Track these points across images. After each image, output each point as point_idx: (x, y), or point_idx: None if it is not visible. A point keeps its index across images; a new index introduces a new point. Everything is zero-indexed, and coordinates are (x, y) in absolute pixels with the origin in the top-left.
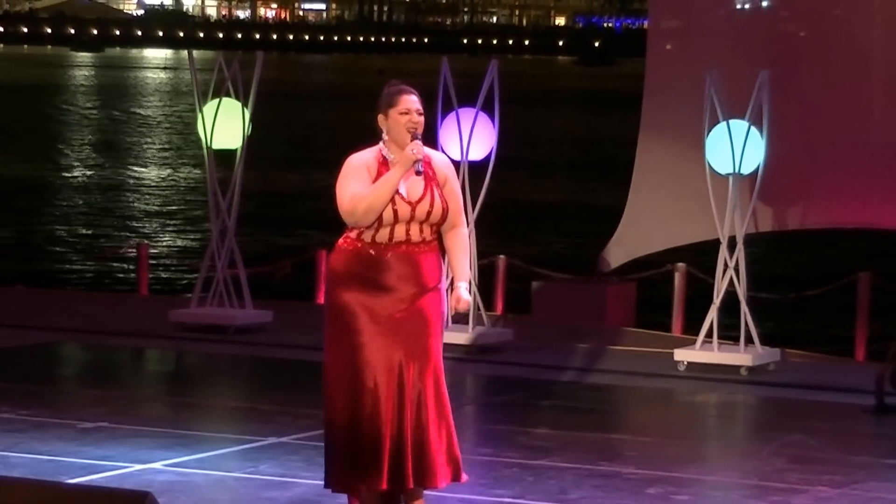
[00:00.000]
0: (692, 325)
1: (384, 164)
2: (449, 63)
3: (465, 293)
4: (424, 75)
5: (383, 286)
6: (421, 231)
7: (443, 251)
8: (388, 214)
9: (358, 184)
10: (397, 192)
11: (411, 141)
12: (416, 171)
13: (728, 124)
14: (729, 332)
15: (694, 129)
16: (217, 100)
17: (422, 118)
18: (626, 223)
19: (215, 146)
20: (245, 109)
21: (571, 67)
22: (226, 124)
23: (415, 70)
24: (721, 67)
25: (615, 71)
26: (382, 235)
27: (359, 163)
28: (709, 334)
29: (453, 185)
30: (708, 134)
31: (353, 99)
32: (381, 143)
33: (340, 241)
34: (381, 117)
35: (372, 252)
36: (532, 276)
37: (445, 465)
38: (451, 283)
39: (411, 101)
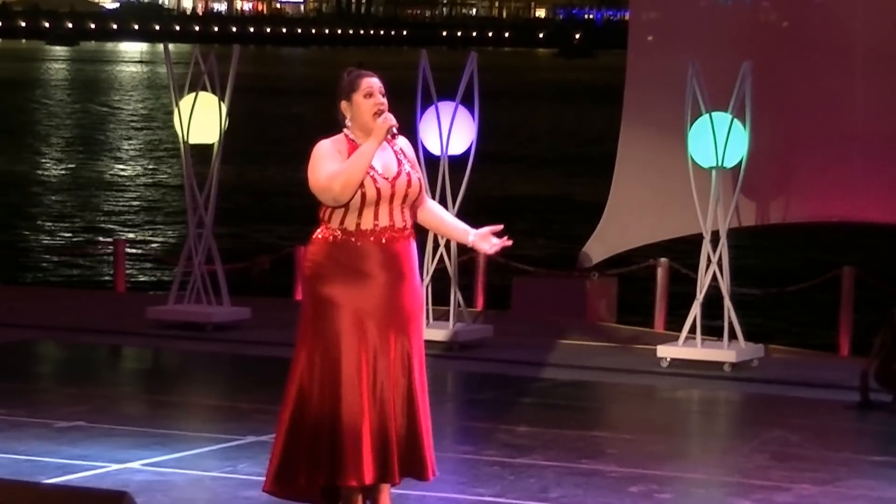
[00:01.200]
0: (675, 321)
1: (354, 147)
2: (428, 56)
3: (480, 231)
4: (403, 68)
5: (368, 276)
6: (403, 215)
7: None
8: (370, 192)
9: (332, 163)
10: (375, 170)
11: (386, 117)
12: (391, 135)
13: (710, 116)
14: (712, 328)
15: (676, 122)
16: (193, 94)
17: (385, 100)
18: (608, 218)
19: (192, 141)
20: (222, 104)
21: (552, 60)
22: (202, 119)
23: (393, 63)
24: (703, 59)
25: (596, 63)
26: (367, 221)
27: (329, 146)
28: (692, 330)
29: (418, 165)
30: (690, 127)
31: (332, 93)
32: (344, 131)
33: (318, 232)
34: (343, 104)
35: (357, 242)
36: (512, 271)
37: (433, 458)
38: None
39: (373, 83)
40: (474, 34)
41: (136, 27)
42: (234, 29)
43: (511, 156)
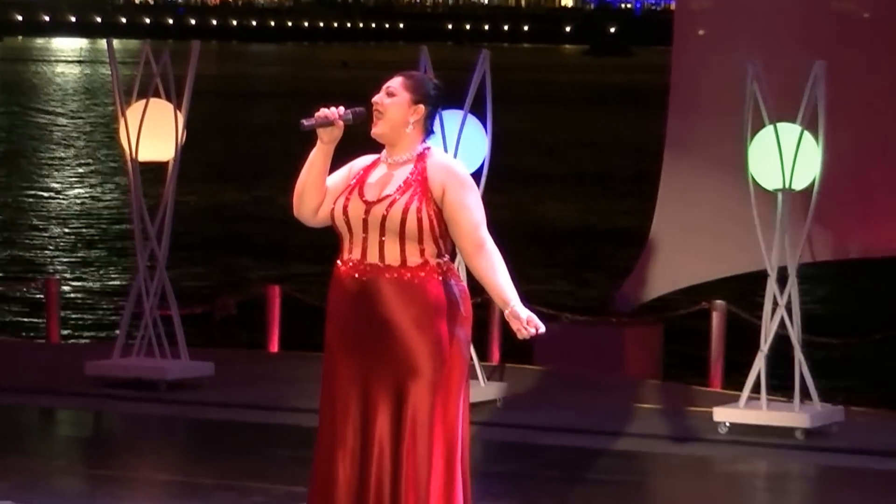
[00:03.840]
0: (734, 377)
1: (377, 163)
2: (429, 54)
3: (520, 309)
4: (398, 69)
5: (344, 319)
6: (382, 249)
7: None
8: (337, 213)
9: (329, 179)
10: (360, 187)
11: (374, 123)
12: (346, 119)
13: (775, 128)
14: (780, 385)
15: (733, 135)
16: (143, 101)
17: (389, 98)
18: (651, 251)
19: (142, 158)
20: (178, 112)
21: (580, 58)
22: (154, 131)
23: (387, 62)
24: (765, 57)
25: (634, 62)
26: (345, 252)
27: (355, 162)
28: (755, 388)
29: (456, 196)
30: (751, 140)
31: (312, 98)
32: None
33: None
34: None
35: (338, 276)
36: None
37: None
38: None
39: (389, 82)
40: (486, 27)
41: (73, 20)
42: (193, 21)
43: (531, 174)
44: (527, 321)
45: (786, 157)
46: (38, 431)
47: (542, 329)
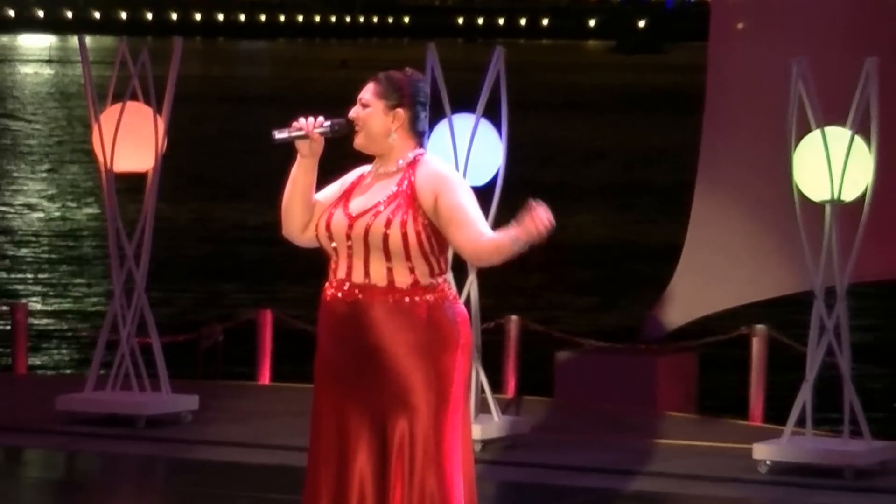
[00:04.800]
0: (776, 410)
1: (364, 176)
2: (438, 52)
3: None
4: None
5: (329, 345)
6: (367, 267)
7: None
8: (321, 226)
9: (321, 194)
10: (345, 198)
11: (355, 135)
12: (324, 132)
13: (823, 133)
14: (826, 419)
15: (775, 140)
16: (119, 105)
17: (364, 109)
18: (684, 270)
19: (117, 169)
20: (158, 118)
21: (606, 56)
22: (131, 139)
23: (390, 61)
24: (811, 54)
25: (666, 60)
26: (332, 271)
27: (345, 176)
28: (800, 422)
29: (451, 198)
30: (795, 147)
31: (307, 102)
32: None
33: None
34: None
35: (330, 297)
36: (555, 343)
37: None
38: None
39: (363, 90)
40: (500, 22)
41: (41, 15)
42: (175, 16)
43: (552, 186)
44: (532, 217)
45: (834, 165)
46: (2, 473)
47: (545, 220)
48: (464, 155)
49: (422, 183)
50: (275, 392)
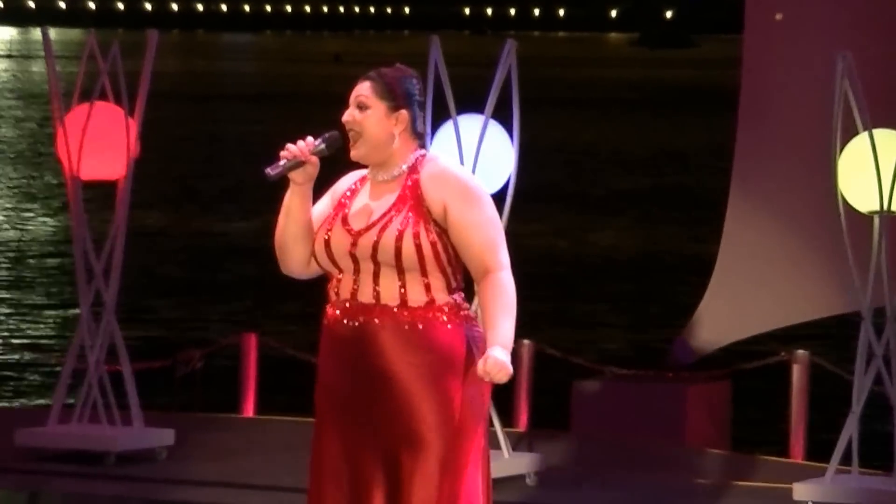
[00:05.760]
0: (819, 444)
1: (360, 185)
2: (442, 45)
3: (499, 354)
4: (404, 64)
5: (347, 378)
6: (401, 284)
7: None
8: (319, 247)
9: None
10: (342, 213)
11: (352, 145)
12: (318, 152)
13: (871, 135)
14: (874, 454)
15: (817, 144)
16: (87, 105)
17: (362, 112)
18: (717, 289)
19: (85, 176)
20: (130, 119)
21: (629, 50)
22: (101, 143)
23: (390, 56)
24: (857, 49)
25: (695, 54)
26: (332, 291)
27: (337, 184)
28: (845, 459)
29: (460, 214)
30: (840, 151)
31: (296, 100)
32: None
33: None
34: None
35: (333, 320)
36: (572, 370)
37: None
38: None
39: (356, 90)
40: (512, 12)
41: (0, 4)
42: (150, 6)
43: (570, 193)
44: (484, 362)
45: (884, 171)
46: None
47: (497, 376)
48: (471, 160)
49: (428, 187)
50: (259, 425)
